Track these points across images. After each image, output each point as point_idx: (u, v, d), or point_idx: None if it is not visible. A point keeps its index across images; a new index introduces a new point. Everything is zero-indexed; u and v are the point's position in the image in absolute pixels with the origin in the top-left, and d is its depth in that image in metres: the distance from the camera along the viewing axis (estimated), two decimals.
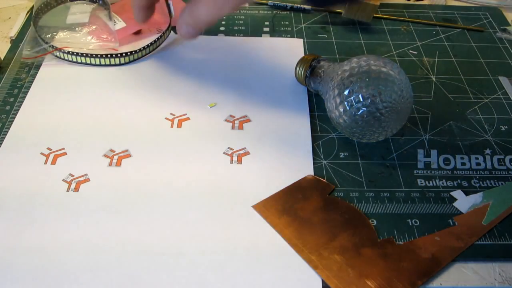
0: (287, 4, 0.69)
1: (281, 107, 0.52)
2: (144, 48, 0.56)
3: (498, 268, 0.39)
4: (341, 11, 0.66)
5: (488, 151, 0.49)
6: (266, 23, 0.65)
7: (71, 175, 0.44)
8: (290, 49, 0.60)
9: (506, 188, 0.45)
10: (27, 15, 0.65)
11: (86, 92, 0.53)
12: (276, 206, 0.42)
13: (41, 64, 0.56)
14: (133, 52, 0.56)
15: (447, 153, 0.48)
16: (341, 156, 0.48)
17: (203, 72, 0.56)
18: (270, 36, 0.63)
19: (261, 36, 0.63)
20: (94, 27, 0.59)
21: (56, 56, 0.56)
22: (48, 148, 0.47)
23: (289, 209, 0.42)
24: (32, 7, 0.66)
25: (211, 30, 0.63)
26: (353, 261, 0.39)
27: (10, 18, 0.65)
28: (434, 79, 0.57)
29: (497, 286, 0.38)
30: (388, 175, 0.46)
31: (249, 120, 0.51)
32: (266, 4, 0.69)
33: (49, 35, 0.57)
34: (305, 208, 0.42)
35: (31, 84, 0.53)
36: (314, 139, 0.49)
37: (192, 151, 0.47)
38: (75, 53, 0.55)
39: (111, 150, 0.47)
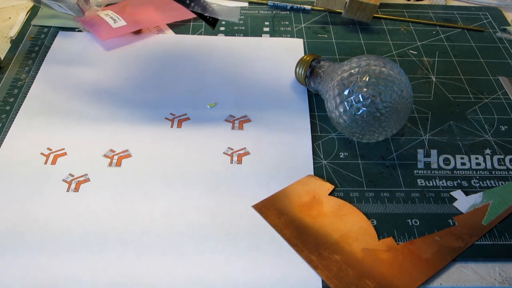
0: (287, 4, 0.69)
1: (281, 107, 0.52)
2: None
3: (498, 268, 0.39)
4: (341, 11, 0.66)
5: (488, 151, 0.49)
6: (266, 23, 0.65)
7: (71, 175, 0.44)
8: (290, 49, 0.60)
9: (506, 188, 0.45)
10: (27, 15, 0.65)
11: (86, 93, 0.53)
12: (276, 206, 0.42)
13: (41, 63, 0.56)
14: None
15: (447, 153, 0.48)
16: (341, 156, 0.48)
17: (203, 72, 0.56)
18: (270, 36, 0.63)
19: (261, 36, 0.63)
20: None
21: None
22: (48, 148, 0.47)
23: (289, 209, 0.42)
24: (32, 7, 0.66)
25: (211, 30, 0.63)
26: (353, 261, 0.39)
27: (10, 18, 0.65)
28: (434, 79, 0.57)
29: (497, 286, 0.38)
30: (388, 175, 0.46)
31: (249, 120, 0.51)
32: (266, 4, 0.69)
33: None
34: (305, 208, 0.42)
35: (31, 84, 0.54)
36: (314, 139, 0.49)
37: (192, 151, 0.47)
38: None
39: (111, 150, 0.47)
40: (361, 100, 0.43)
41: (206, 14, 0.48)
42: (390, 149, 0.49)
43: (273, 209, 0.42)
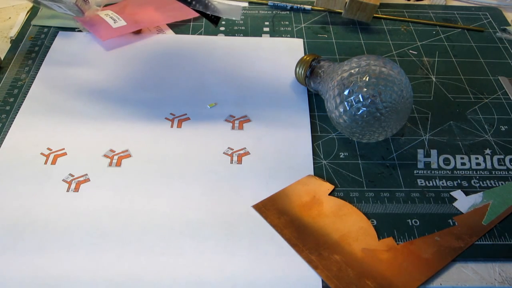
0: (287, 4, 0.69)
1: (281, 107, 0.52)
2: None
3: (498, 268, 0.39)
4: (341, 11, 0.66)
5: (488, 151, 0.49)
6: (266, 23, 0.65)
7: (71, 175, 0.44)
8: (290, 49, 0.60)
9: (506, 188, 0.45)
10: (27, 15, 0.65)
11: (86, 93, 0.53)
12: (276, 206, 0.42)
13: (41, 63, 0.56)
14: None
15: (447, 153, 0.48)
16: (341, 156, 0.48)
17: (203, 72, 0.56)
18: (270, 36, 0.63)
19: (261, 36, 0.63)
20: None
21: None
22: (48, 148, 0.47)
23: (289, 209, 0.42)
24: (32, 7, 0.66)
25: (211, 30, 0.63)
26: (353, 261, 0.39)
27: (10, 18, 0.65)
28: (434, 79, 0.57)
29: (497, 286, 0.38)
30: (388, 175, 0.46)
31: (249, 120, 0.51)
32: (266, 4, 0.69)
33: None
34: (305, 208, 0.42)
35: (31, 84, 0.54)
36: (314, 139, 0.49)
37: (192, 151, 0.47)
38: None
39: (111, 150, 0.47)
40: (361, 100, 0.43)
41: (208, 12, 0.48)
42: (390, 149, 0.49)
43: (273, 209, 0.42)
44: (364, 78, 0.43)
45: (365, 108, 0.43)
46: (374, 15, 0.65)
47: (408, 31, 0.65)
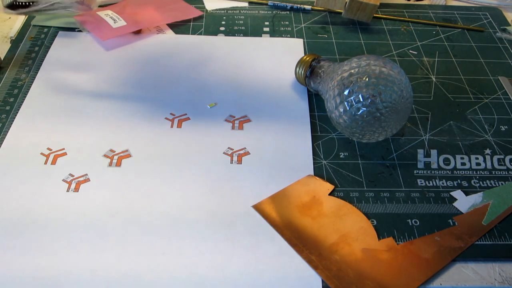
0: (287, 4, 0.69)
1: (281, 107, 0.52)
2: None
3: (498, 268, 0.39)
4: (341, 11, 0.66)
5: (488, 151, 0.49)
6: (266, 23, 0.65)
7: (71, 175, 0.44)
8: (290, 49, 0.60)
9: (506, 188, 0.45)
10: (27, 15, 0.65)
11: (86, 93, 0.53)
12: (276, 206, 0.42)
13: (41, 63, 0.56)
14: None
15: (447, 153, 0.48)
16: (341, 156, 0.48)
17: (203, 72, 0.56)
18: (270, 36, 0.63)
19: (261, 36, 0.63)
20: None
21: None
22: (48, 148, 0.47)
23: (289, 209, 0.42)
24: None
25: (211, 30, 0.63)
26: (353, 261, 0.39)
27: (10, 18, 0.65)
28: (434, 79, 0.57)
29: (497, 286, 0.38)
30: (388, 175, 0.46)
31: (249, 120, 0.51)
32: (266, 4, 0.69)
33: None
34: (305, 208, 0.42)
35: (31, 84, 0.54)
36: (314, 139, 0.49)
37: (192, 151, 0.47)
38: None
39: (111, 150, 0.47)
40: (361, 100, 0.43)
41: None
42: (390, 149, 0.49)
43: (273, 209, 0.42)
44: (364, 78, 0.43)
45: (365, 108, 0.43)
46: (374, 15, 0.65)
47: (408, 31, 0.65)
